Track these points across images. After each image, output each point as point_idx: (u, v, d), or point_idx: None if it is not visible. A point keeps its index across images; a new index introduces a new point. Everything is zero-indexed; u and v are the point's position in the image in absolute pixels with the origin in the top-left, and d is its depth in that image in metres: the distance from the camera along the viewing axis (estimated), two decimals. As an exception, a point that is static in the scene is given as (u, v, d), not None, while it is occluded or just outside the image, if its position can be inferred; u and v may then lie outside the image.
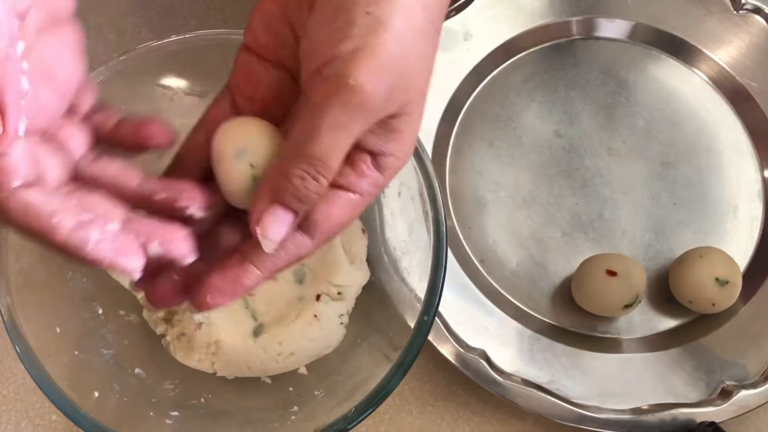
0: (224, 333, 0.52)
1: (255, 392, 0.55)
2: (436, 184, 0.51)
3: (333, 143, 0.36)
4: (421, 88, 0.38)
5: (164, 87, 0.54)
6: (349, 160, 0.38)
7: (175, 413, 0.52)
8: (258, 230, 0.37)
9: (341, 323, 0.55)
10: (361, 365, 0.53)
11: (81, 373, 0.51)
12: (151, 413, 0.52)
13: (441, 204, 0.51)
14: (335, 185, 0.38)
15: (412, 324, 0.49)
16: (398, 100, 0.37)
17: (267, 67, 0.40)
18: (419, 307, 0.49)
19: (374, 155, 0.39)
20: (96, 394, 0.50)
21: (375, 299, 0.56)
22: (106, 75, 0.51)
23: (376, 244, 0.57)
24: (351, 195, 0.39)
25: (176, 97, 0.55)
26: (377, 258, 0.57)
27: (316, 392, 0.54)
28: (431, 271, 0.50)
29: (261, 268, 0.38)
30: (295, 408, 0.53)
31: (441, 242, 0.50)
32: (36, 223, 0.34)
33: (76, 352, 0.52)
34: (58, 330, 0.51)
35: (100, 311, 0.55)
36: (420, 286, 0.50)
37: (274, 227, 0.37)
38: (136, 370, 0.54)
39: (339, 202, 0.39)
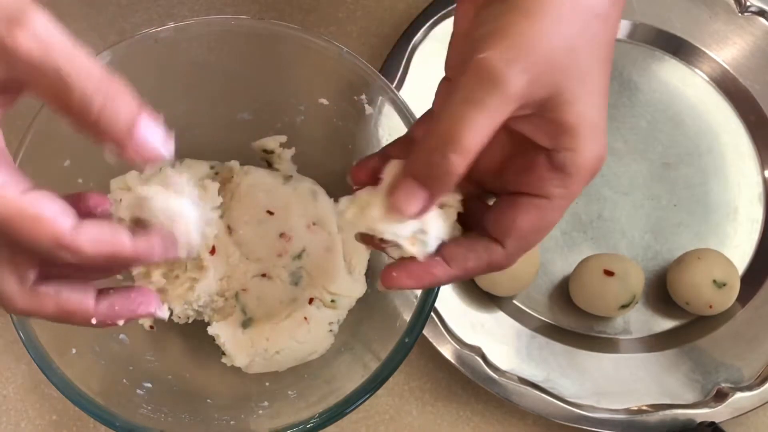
0: (215, 319, 0.53)
1: (233, 380, 0.55)
2: None
3: (461, 117, 0.35)
4: (582, 75, 0.37)
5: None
6: (528, 164, 0.38)
7: (149, 385, 0.52)
8: (391, 200, 0.38)
9: (330, 331, 0.55)
10: (339, 374, 0.53)
11: (64, 327, 0.49)
12: (124, 380, 0.52)
13: None
14: (517, 191, 0.39)
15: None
16: (546, 84, 0.36)
17: None
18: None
19: (548, 153, 0.38)
20: (73, 350, 0.50)
21: (366, 312, 0.56)
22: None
23: (380, 259, 0.57)
24: (535, 199, 0.38)
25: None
26: (377, 273, 0.57)
27: (289, 392, 0.54)
28: (419, 300, 0.50)
29: (452, 264, 0.40)
30: (266, 403, 0.53)
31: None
32: (106, 244, 0.35)
33: None
34: None
35: None
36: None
37: (405, 199, 0.37)
38: (121, 336, 0.54)
39: (523, 206, 0.39)
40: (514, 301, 0.63)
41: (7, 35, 0.32)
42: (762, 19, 0.68)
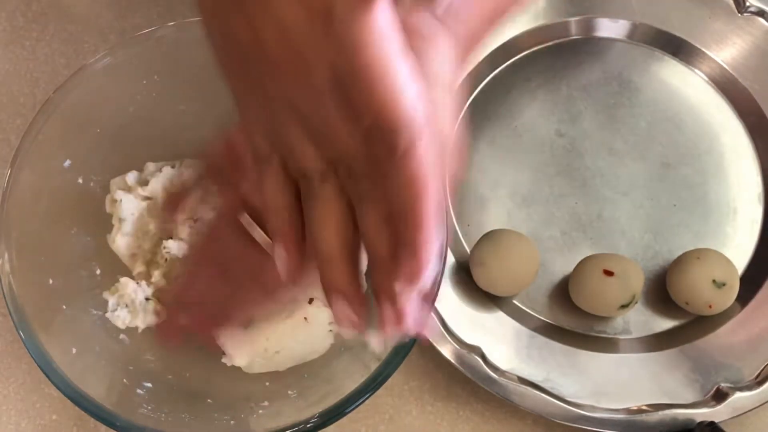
0: None
1: (233, 381, 0.55)
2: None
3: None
4: None
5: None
6: None
7: (149, 385, 0.53)
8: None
9: (330, 330, 0.55)
10: (338, 373, 0.53)
11: (64, 327, 0.51)
12: (125, 380, 0.52)
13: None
14: None
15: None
16: None
17: None
18: None
19: None
20: (73, 350, 0.50)
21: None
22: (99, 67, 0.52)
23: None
24: None
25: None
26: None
27: (289, 392, 0.54)
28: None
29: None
30: (266, 403, 0.53)
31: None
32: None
33: (64, 306, 0.52)
34: (51, 282, 0.51)
35: (98, 272, 0.55)
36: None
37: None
38: (121, 336, 0.54)
39: None
40: (514, 301, 0.63)
41: None
42: (761, 20, 0.68)
